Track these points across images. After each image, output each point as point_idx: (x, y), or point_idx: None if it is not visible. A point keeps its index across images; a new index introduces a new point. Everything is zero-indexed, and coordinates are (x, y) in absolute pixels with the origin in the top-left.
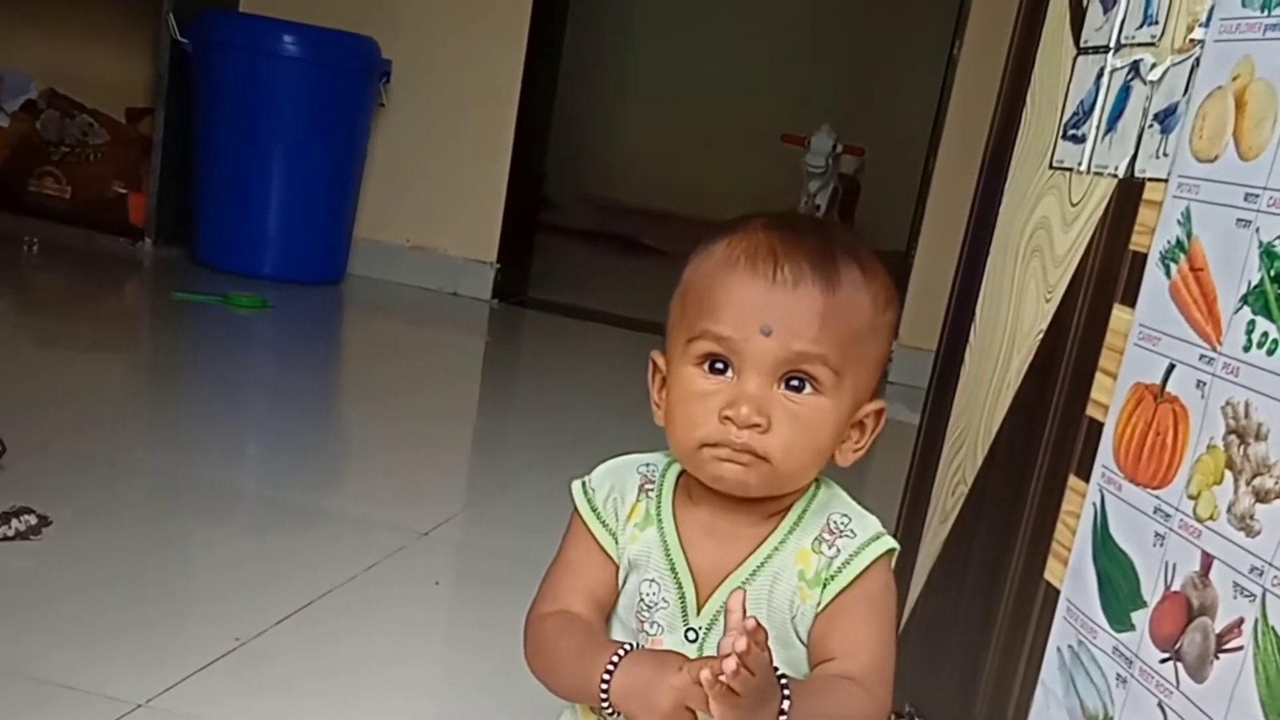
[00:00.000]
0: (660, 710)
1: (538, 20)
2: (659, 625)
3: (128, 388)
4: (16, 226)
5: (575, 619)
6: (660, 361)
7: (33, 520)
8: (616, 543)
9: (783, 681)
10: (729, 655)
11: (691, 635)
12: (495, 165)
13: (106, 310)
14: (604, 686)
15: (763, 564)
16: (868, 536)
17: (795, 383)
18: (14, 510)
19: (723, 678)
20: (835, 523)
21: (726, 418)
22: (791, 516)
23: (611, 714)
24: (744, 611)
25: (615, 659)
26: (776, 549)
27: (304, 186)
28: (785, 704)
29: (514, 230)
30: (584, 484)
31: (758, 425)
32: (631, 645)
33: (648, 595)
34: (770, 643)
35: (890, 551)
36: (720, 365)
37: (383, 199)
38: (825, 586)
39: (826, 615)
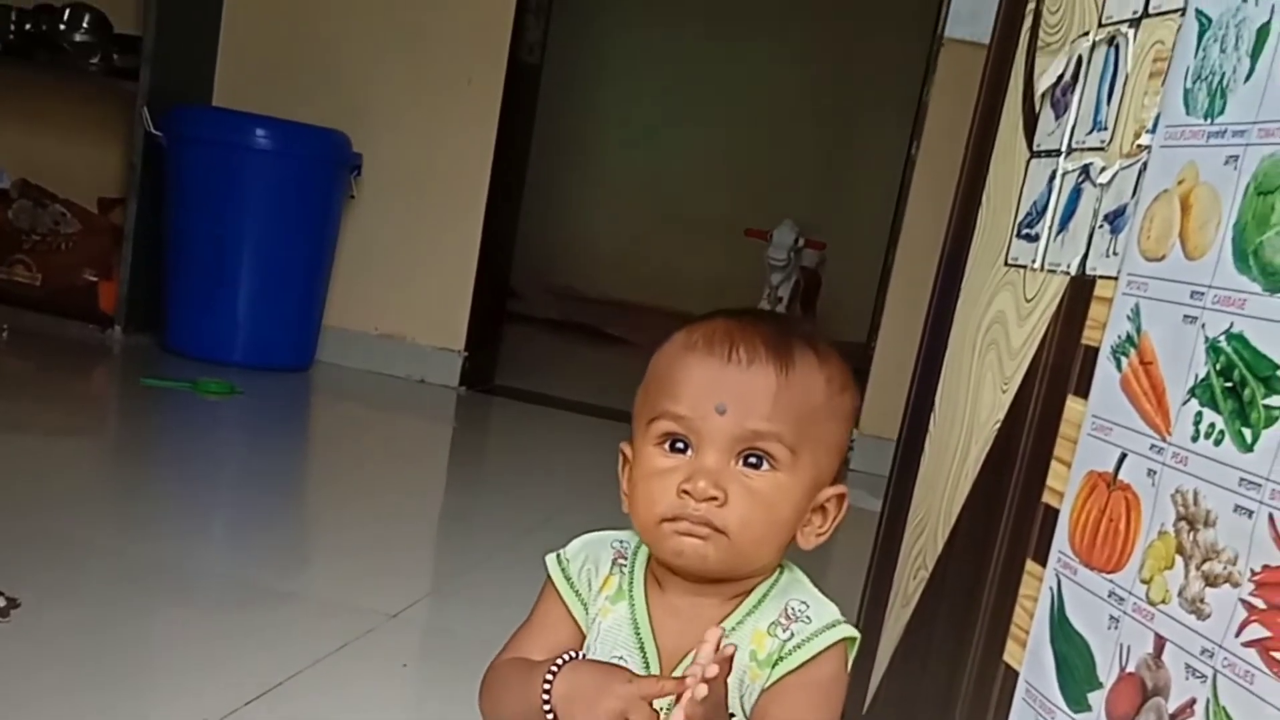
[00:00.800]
0: (602, 715)
1: (507, 114)
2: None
3: (95, 471)
4: None
5: (530, 662)
6: (628, 451)
7: (1, 602)
8: (587, 612)
9: None
10: (699, 679)
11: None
12: (463, 255)
13: (75, 395)
14: (546, 689)
15: (733, 629)
16: (823, 624)
17: (753, 460)
18: None
19: (689, 694)
20: (793, 608)
21: (684, 491)
22: (753, 599)
23: None
24: (718, 646)
25: (557, 665)
26: (734, 629)
27: (274, 275)
28: None
29: (481, 319)
30: (559, 555)
31: (714, 498)
32: (575, 654)
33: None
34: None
35: (846, 640)
36: (680, 445)
37: (352, 288)
38: (775, 666)
39: (770, 693)
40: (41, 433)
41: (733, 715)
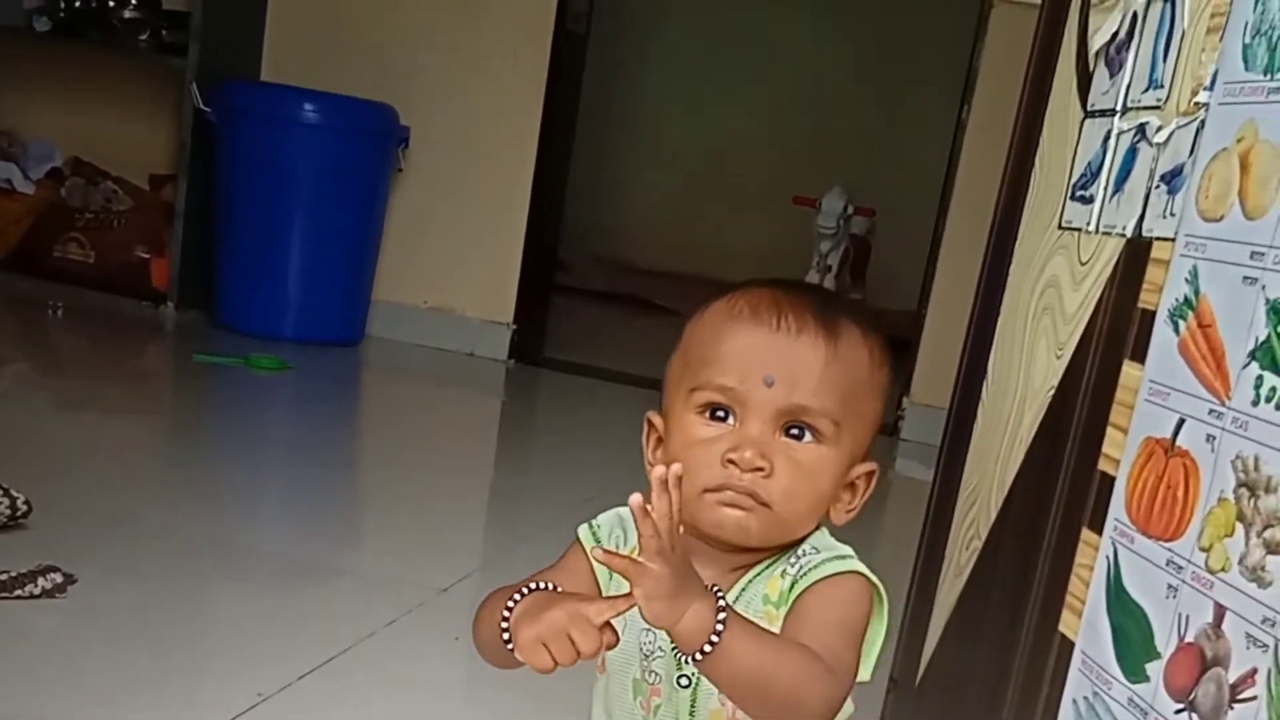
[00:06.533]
0: (543, 625)
1: (553, 85)
2: (656, 674)
3: (150, 448)
4: (41, 291)
5: (514, 586)
6: (656, 421)
7: (58, 578)
8: (611, 576)
9: (720, 600)
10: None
11: (684, 681)
12: (511, 228)
13: (129, 373)
14: (509, 606)
15: (738, 598)
16: (834, 554)
17: (795, 431)
18: (40, 569)
19: (654, 519)
20: (802, 550)
21: (730, 460)
22: (771, 557)
23: (512, 650)
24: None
25: (530, 588)
26: (751, 580)
27: (323, 250)
28: (721, 617)
29: (530, 291)
30: (590, 523)
31: (761, 469)
32: (551, 588)
33: (645, 644)
34: None
35: (866, 580)
36: (721, 413)
37: (401, 261)
38: (789, 594)
39: (788, 619)
40: (97, 410)
41: None
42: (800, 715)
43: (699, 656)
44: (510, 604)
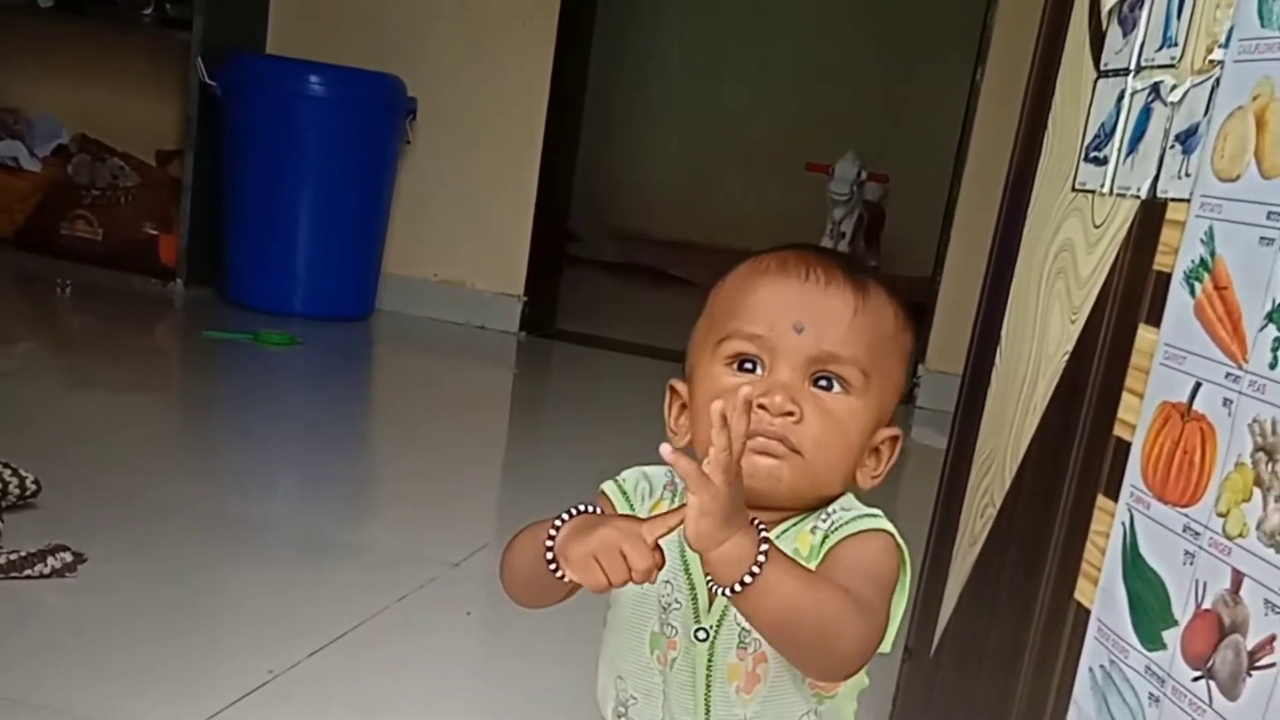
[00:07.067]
0: (594, 541)
1: (561, 55)
2: (673, 627)
3: (160, 425)
4: (49, 269)
5: (548, 519)
6: (680, 388)
7: (68, 558)
8: None
9: (762, 532)
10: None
11: (701, 634)
12: (521, 199)
13: (138, 350)
14: (553, 531)
15: None
16: (865, 513)
17: (823, 382)
18: (50, 548)
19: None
20: (831, 509)
21: (760, 406)
22: (802, 514)
23: (558, 573)
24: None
25: (572, 511)
26: (780, 536)
27: (331, 224)
28: (763, 548)
29: (541, 263)
30: (614, 479)
31: (791, 414)
32: (593, 509)
33: (664, 597)
34: None
35: (894, 541)
36: (749, 365)
37: (410, 235)
38: (822, 544)
39: (819, 567)
40: (107, 388)
41: None
42: (833, 655)
43: (738, 588)
44: (554, 529)
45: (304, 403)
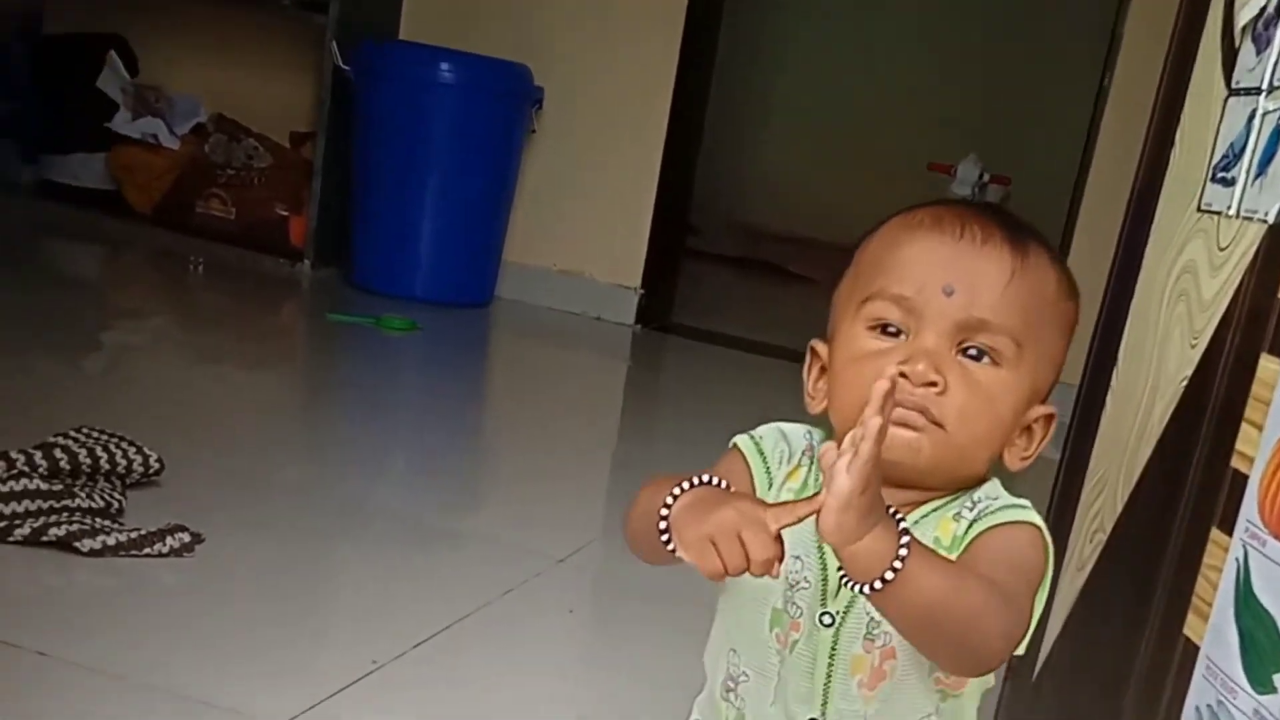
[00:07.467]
0: (711, 524)
1: (687, 48)
2: (798, 607)
3: (281, 406)
4: (183, 246)
5: (679, 476)
6: (820, 349)
7: (186, 538)
8: (770, 486)
9: (901, 523)
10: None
11: (826, 619)
12: (642, 191)
13: (264, 330)
14: (669, 501)
15: None
16: (1014, 503)
17: (972, 352)
18: (169, 528)
19: (862, 439)
20: (977, 496)
21: (901, 374)
22: (944, 498)
23: (670, 546)
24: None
25: (694, 482)
26: (919, 521)
27: (456, 211)
28: (904, 540)
29: (659, 256)
30: (749, 433)
31: (934, 384)
32: (719, 483)
33: (792, 574)
34: None
35: (1039, 531)
36: (893, 330)
37: (532, 224)
38: (965, 534)
39: (961, 558)
40: (232, 367)
41: None
42: (975, 651)
43: (878, 585)
44: (671, 498)
45: (421, 389)
